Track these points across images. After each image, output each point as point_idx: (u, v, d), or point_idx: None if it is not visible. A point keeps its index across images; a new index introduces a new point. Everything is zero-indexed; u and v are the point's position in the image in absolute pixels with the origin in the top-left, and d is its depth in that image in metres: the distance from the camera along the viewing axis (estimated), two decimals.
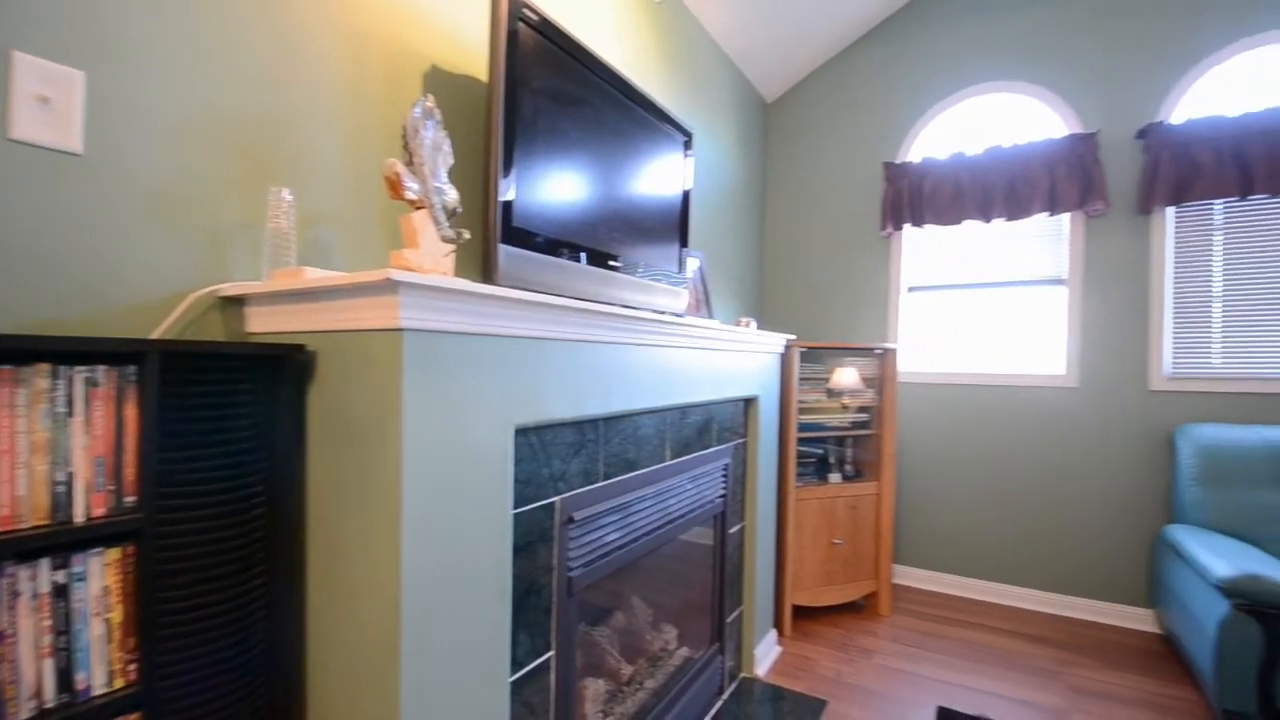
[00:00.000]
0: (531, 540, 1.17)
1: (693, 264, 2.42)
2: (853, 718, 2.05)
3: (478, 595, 1.00)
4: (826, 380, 2.94)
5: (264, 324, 1.06)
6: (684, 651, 1.94)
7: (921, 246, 3.26)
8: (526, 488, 1.15)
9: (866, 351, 3.03)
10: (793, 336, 2.48)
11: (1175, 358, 2.72)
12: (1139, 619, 2.76)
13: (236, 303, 1.10)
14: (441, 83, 1.50)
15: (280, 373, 0.98)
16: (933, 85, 3.18)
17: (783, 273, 3.61)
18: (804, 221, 3.55)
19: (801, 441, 2.83)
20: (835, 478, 2.81)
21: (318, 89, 1.25)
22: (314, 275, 0.96)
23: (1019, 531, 3.00)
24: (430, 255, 1.06)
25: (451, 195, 1.14)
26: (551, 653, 1.23)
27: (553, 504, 1.21)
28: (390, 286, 0.84)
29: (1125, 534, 2.79)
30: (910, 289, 3.28)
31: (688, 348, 1.70)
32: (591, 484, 1.33)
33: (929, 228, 3.14)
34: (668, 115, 1.86)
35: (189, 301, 1.02)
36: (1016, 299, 3.04)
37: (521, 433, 1.13)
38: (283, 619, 0.98)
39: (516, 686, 1.13)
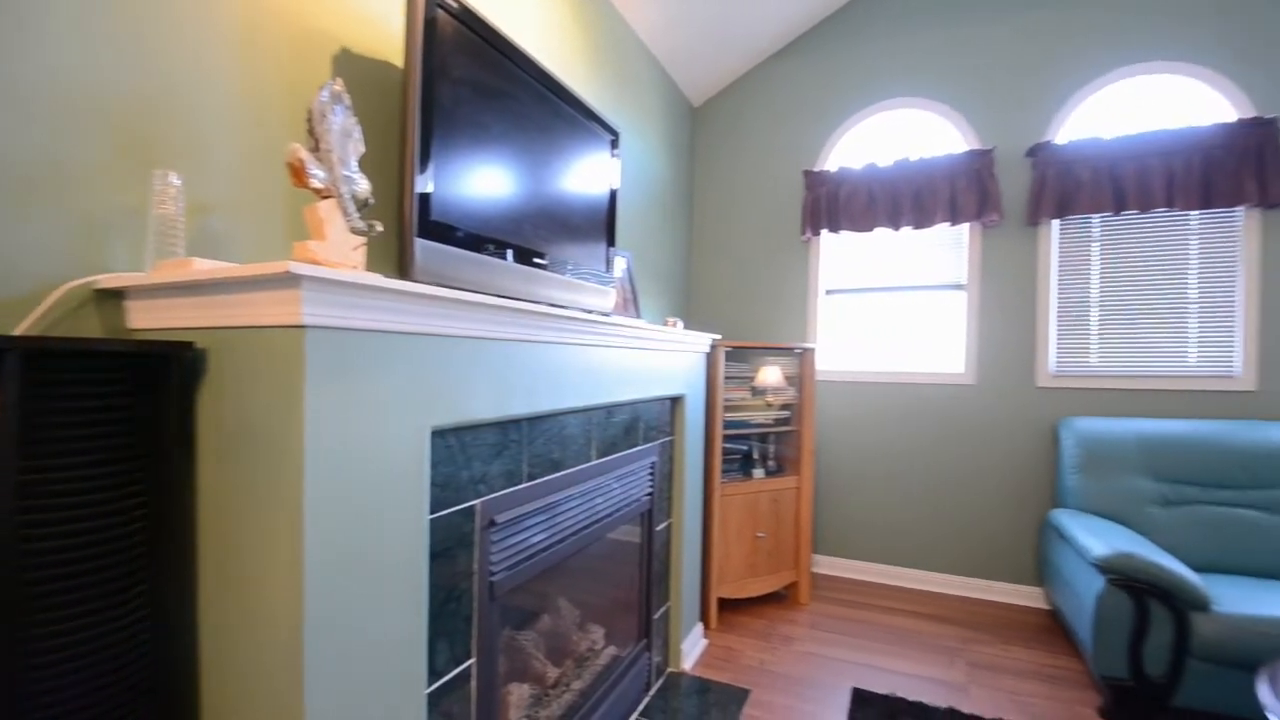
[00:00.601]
0: (450, 546, 1.13)
1: (620, 263, 2.42)
2: (774, 704, 2.12)
3: (391, 606, 0.96)
4: (751, 379, 3.02)
5: (147, 319, 0.97)
6: (611, 650, 1.94)
7: (838, 251, 3.42)
8: (444, 491, 1.11)
9: (787, 351, 3.14)
10: (718, 336, 2.54)
11: (1059, 357, 2.99)
12: (1030, 596, 3.01)
13: (116, 296, 0.99)
14: (353, 67, 1.43)
15: (166, 372, 0.90)
16: (849, 98, 3.34)
17: (709, 274, 3.69)
18: (729, 224, 3.64)
19: (727, 439, 2.90)
20: (759, 473, 2.89)
21: (212, 66, 1.15)
22: (204, 267, 0.88)
23: (925, 519, 3.21)
24: (338, 248, 1.00)
25: (363, 185, 1.09)
26: (472, 660, 1.19)
27: (473, 507, 1.18)
28: (291, 280, 0.79)
29: (1017, 518, 3.04)
30: (828, 291, 3.43)
31: (615, 347, 1.70)
32: (515, 486, 1.31)
33: (845, 234, 3.29)
34: (594, 113, 1.85)
35: (59, 294, 0.92)
36: (922, 302, 3.25)
37: (439, 435, 1.09)
38: (172, 640, 0.90)
39: (435, 697, 1.09)
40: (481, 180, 1.38)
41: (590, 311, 1.78)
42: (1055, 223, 2.96)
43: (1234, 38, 2.69)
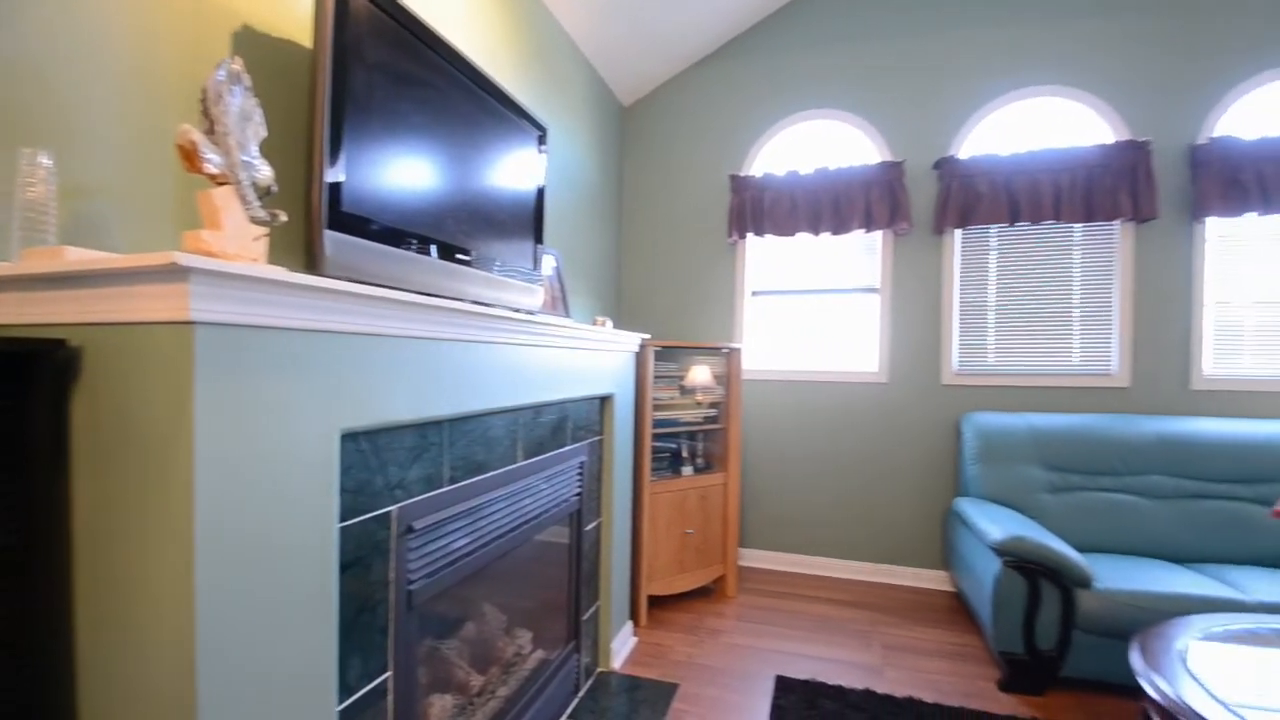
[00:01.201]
0: (364, 554, 1.08)
1: (549, 262, 2.40)
2: (702, 697, 2.16)
3: (297, 622, 0.90)
4: (680, 378, 3.07)
5: (12, 314, 0.87)
6: (539, 654, 1.91)
7: (763, 254, 3.52)
8: (357, 497, 1.06)
9: (715, 351, 3.21)
10: (647, 336, 2.56)
11: (961, 357, 3.21)
12: (937, 580, 3.22)
13: None
14: (256, 45, 1.33)
15: (34, 373, 0.81)
16: (773, 105, 3.45)
17: (639, 273, 3.71)
18: (659, 225, 3.67)
19: (656, 437, 2.92)
20: (688, 470, 2.94)
21: (94, 33, 1.05)
22: (79, 256, 0.80)
23: (843, 510, 3.36)
24: (235, 239, 0.93)
25: (264, 172, 1.02)
26: (389, 674, 1.14)
27: (389, 514, 1.13)
28: (177, 273, 0.73)
29: (925, 507, 3.24)
30: (754, 293, 3.53)
31: (542, 346, 1.68)
32: (435, 490, 1.26)
33: (769, 237, 3.40)
34: (521, 108, 1.82)
35: None
36: (840, 304, 3.41)
37: (351, 438, 1.03)
38: (43, 672, 0.81)
39: (348, 715, 1.04)
40: (399, 172, 1.33)
41: (517, 310, 1.75)
42: (958, 232, 3.18)
43: (1113, 68, 2.98)
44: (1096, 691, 2.21)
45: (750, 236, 3.44)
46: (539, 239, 1.97)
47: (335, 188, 1.15)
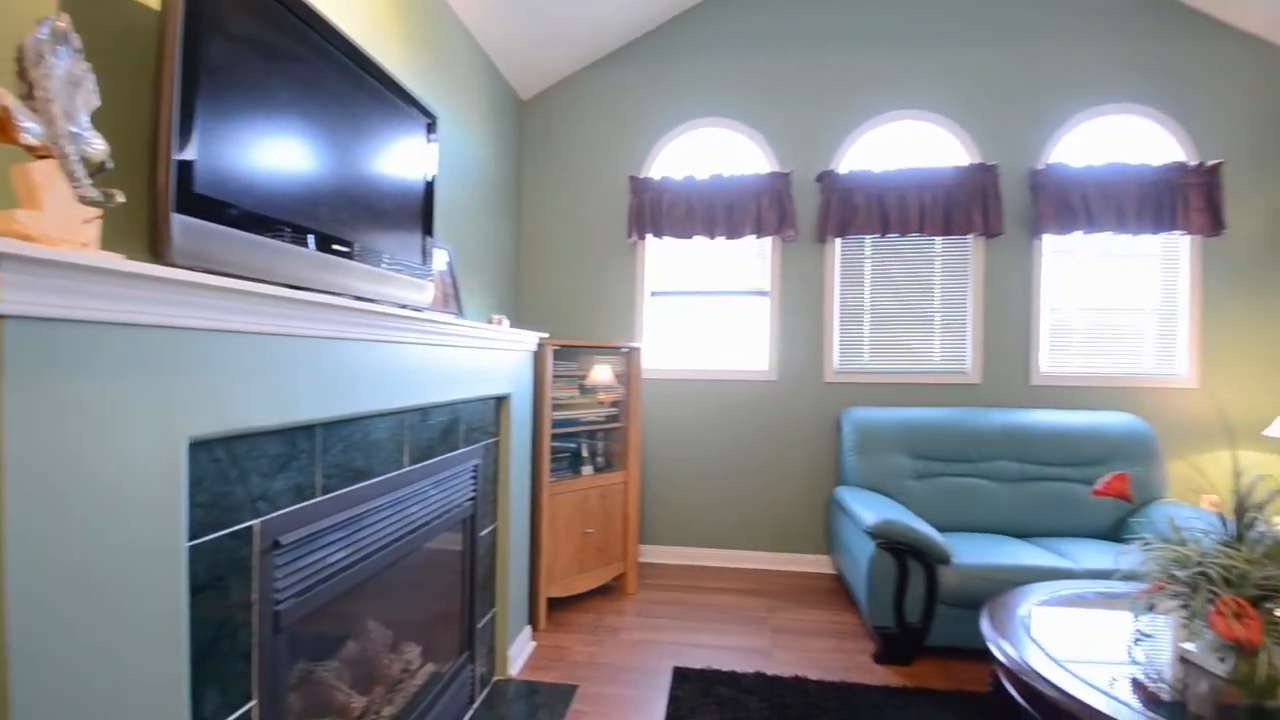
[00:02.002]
0: (221, 574, 0.97)
1: (440, 257, 2.30)
2: (600, 695, 2.16)
3: (139, 654, 0.80)
4: (581, 377, 3.06)
5: None
6: (430, 668, 1.82)
7: (662, 255, 3.59)
8: (211, 513, 0.95)
9: (615, 350, 3.23)
10: (545, 335, 2.52)
11: (841, 357, 3.45)
12: (821, 564, 3.44)
13: None
14: (91, 3, 1.17)
15: None
16: (673, 110, 3.53)
17: (539, 271, 3.66)
18: (559, 223, 3.64)
19: (556, 437, 2.89)
20: (588, 470, 2.93)
21: None
22: None
23: (737, 503, 3.51)
24: (60, 221, 0.81)
25: (97, 146, 0.89)
26: (253, 703, 1.04)
27: (250, 528, 1.03)
28: None
29: (811, 496, 3.45)
30: (653, 293, 3.59)
31: (432, 345, 1.60)
32: (306, 500, 1.17)
33: (667, 239, 3.47)
34: (408, 93, 1.73)
35: None
36: (734, 306, 3.55)
37: (203, 446, 0.93)
38: None
39: None
40: (266, 153, 1.21)
41: (404, 306, 1.66)
42: (838, 241, 3.42)
43: (968, 97, 3.32)
44: (956, 657, 2.46)
45: (650, 237, 3.50)
46: (428, 231, 1.88)
47: (186, 167, 1.03)
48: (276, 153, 1.24)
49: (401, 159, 1.71)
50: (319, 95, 1.36)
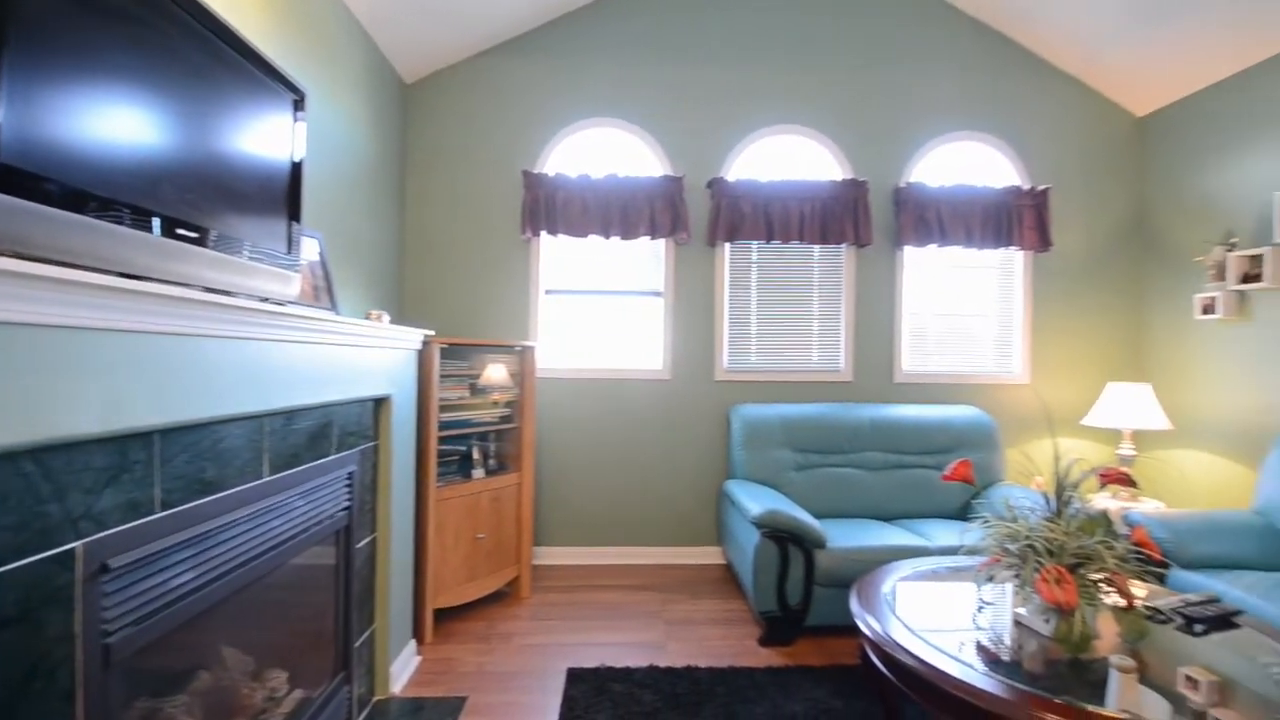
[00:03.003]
0: (31, 606, 0.83)
1: (311, 246, 2.12)
2: (491, 705, 2.10)
3: None
4: (471, 377, 2.94)
5: None
6: (298, 694, 1.67)
7: (557, 252, 3.55)
8: (20, 535, 0.81)
9: (508, 349, 3.14)
10: (431, 332, 2.40)
11: (730, 356, 3.60)
12: (712, 555, 3.57)
13: None
14: None
15: None
16: (569, 107, 3.49)
17: (427, 266, 3.48)
18: (449, 215, 3.49)
19: (444, 440, 2.77)
20: (479, 473, 2.83)
21: None
22: None
23: (632, 500, 3.55)
24: None
25: None
26: None
27: (70, 552, 0.89)
28: None
29: (703, 491, 3.57)
30: (548, 291, 3.54)
31: (297, 342, 1.47)
32: (143, 518, 1.02)
33: (562, 237, 3.43)
34: (270, 65, 1.57)
35: None
36: (630, 306, 3.58)
37: (6, 459, 0.79)
38: None
39: None
40: (97, 123, 1.05)
41: (266, 299, 1.51)
42: (727, 245, 3.56)
43: (842, 116, 3.58)
44: (832, 635, 2.64)
45: (544, 234, 3.44)
46: (295, 217, 1.72)
47: None
48: (112, 124, 1.08)
49: (264, 138, 1.55)
50: (164, 62, 1.20)
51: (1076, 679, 1.40)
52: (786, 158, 3.62)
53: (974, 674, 1.38)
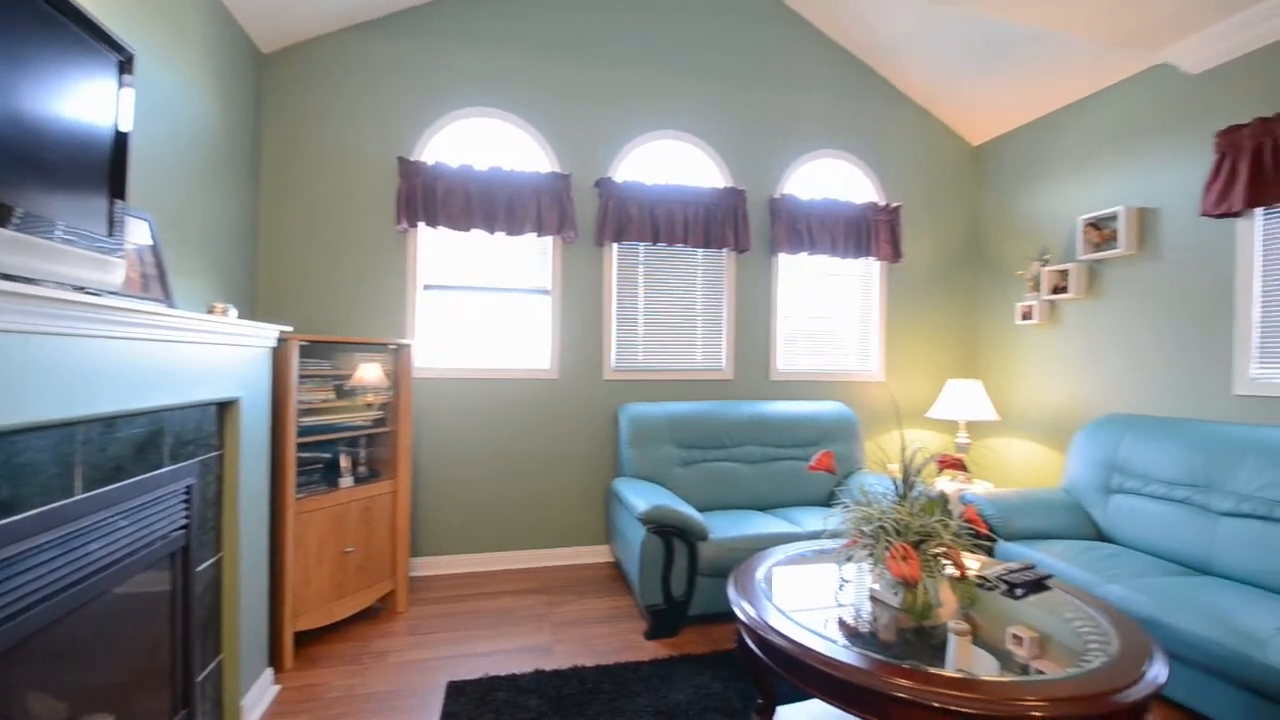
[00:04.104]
0: None
1: (140, 228, 1.85)
2: None
3: None
4: (343, 378, 2.73)
5: None
6: None
7: (438, 246, 3.38)
8: None
9: (381, 347, 2.95)
10: (289, 328, 2.19)
11: (618, 355, 3.63)
12: (602, 554, 3.58)
13: None
14: None
15: None
16: (450, 93, 3.34)
17: (286, 256, 3.17)
18: (313, 202, 3.20)
19: (305, 447, 2.54)
20: (347, 481, 2.63)
21: None
22: None
23: (519, 502, 3.47)
24: None
25: None
26: None
27: None
28: None
29: (592, 489, 3.57)
30: (426, 286, 3.37)
31: (117, 338, 1.28)
32: None
33: (443, 230, 3.28)
34: (90, 20, 1.35)
35: None
36: (516, 303, 3.50)
37: None
38: None
39: None
40: None
41: (82, 289, 1.29)
42: (615, 245, 3.59)
43: (725, 126, 3.74)
44: (714, 622, 2.75)
45: (422, 226, 3.27)
46: (119, 195, 1.50)
47: None
48: None
49: (82, 103, 1.33)
50: None
51: (922, 645, 1.56)
52: (672, 163, 3.72)
53: (836, 647, 1.50)
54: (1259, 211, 2.61)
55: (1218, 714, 1.92)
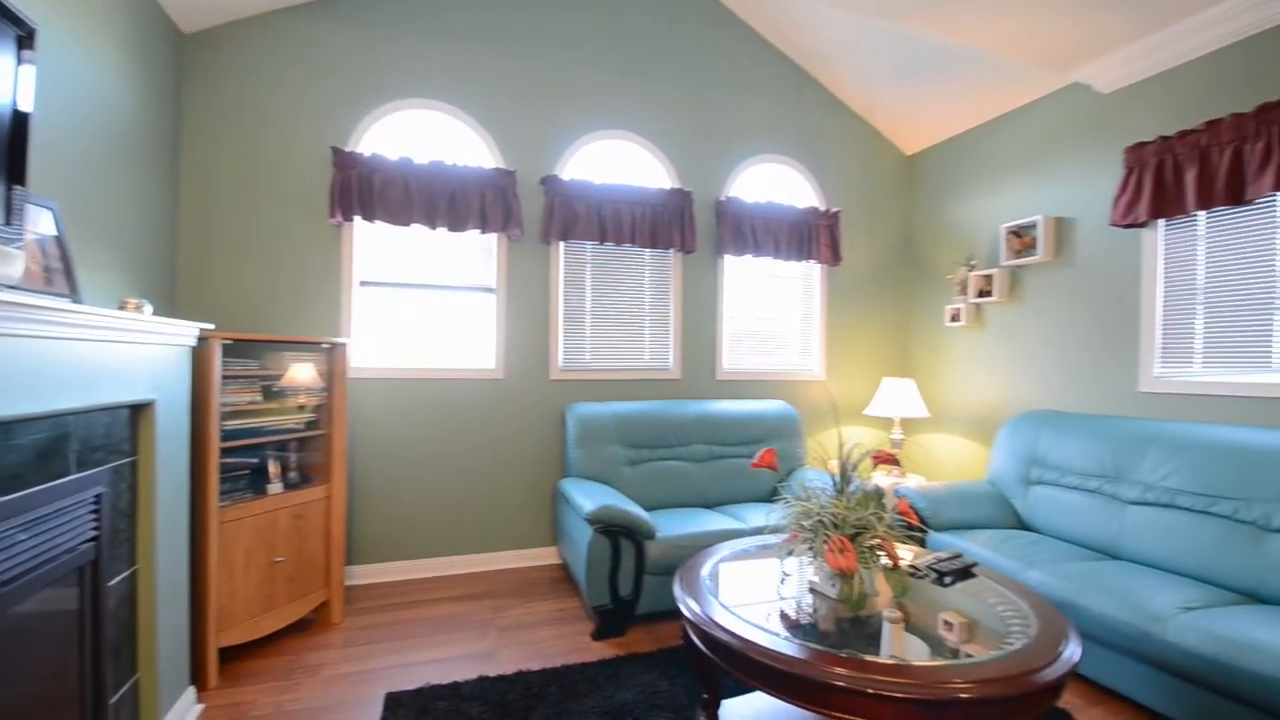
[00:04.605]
0: None
1: (42, 217, 1.70)
2: None
3: None
4: (273, 378, 2.59)
5: None
6: None
7: (375, 241, 3.26)
8: None
9: (314, 346, 2.82)
10: (210, 326, 2.06)
11: (565, 355, 3.60)
12: (549, 556, 3.54)
13: None
14: None
15: None
16: (389, 83, 3.22)
17: (210, 250, 2.98)
18: (239, 192, 3.02)
19: (230, 452, 2.40)
20: (276, 488, 2.50)
21: None
22: None
23: (464, 506, 3.39)
24: None
25: None
26: None
27: None
28: None
29: (538, 491, 3.53)
30: (363, 283, 3.24)
31: (16, 335, 1.17)
32: None
33: (380, 224, 3.16)
34: None
35: None
36: (459, 301, 3.42)
37: None
38: None
39: None
40: None
41: None
42: (562, 244, 3.56)
43: (672, 128, 3.77)
44: (661, 620, 2.76)
45: (358, 220, 3.14)
46: (18, 180, 1.37)
47: None
48: None
49: None
50: None
51: (858, 633, 1.62)
52: (620, 163, 3.71)
53: (777, 639, 1.53)
54: (1161, 223, 2.83)
55: (1126, 689, 2.08)
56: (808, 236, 3.98)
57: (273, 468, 2.52)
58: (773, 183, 4.09)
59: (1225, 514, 2.26)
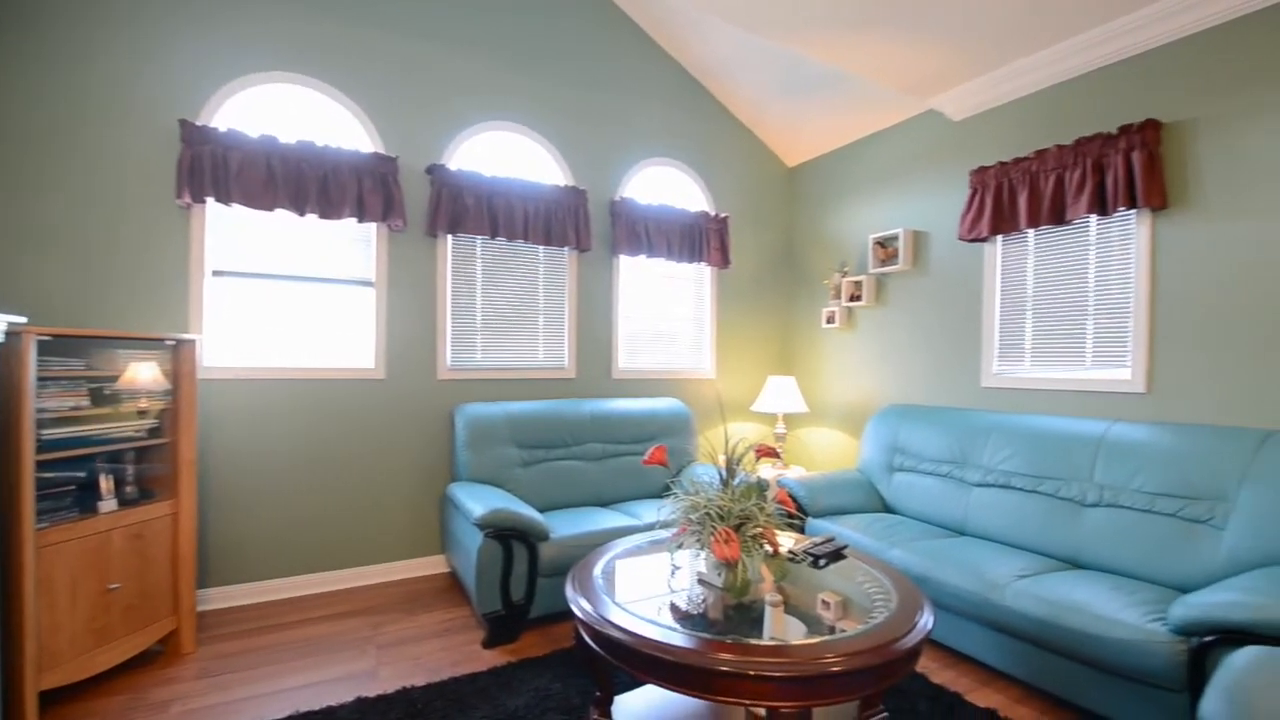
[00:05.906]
0: None
1: None
2: None
3: None
4: (109, 380, 2.26)
5: None
6: None
7: (233, 227, 2.94)
8: None
9: (155, 343, 2.49)
10: (21, 319, 1.76)
11: (454, 354, 3.46)
12: (435, 565, 3.38)
13: None
14: None
15: None
16: (249, 54, 2.91)
17: (22, 229, 2.54)
18: (60, 167, 2.59)
19: (49, 465, 2.06)
20: (108, 505, 2.18)
21: None
22: None
23: (338, 517, 3.15)
24: None
25: None
26: None
27: None
28: None
29: (424, 497, 3.36)
30: (215, 273, 2.91)
31: None
32: None
33: (238, 208, 2.86)
34: None
35: None
36: (332, 295, 3.17)
37: None
38: None
39: None
40: None
41: None
42: (450, 237, 3.41)
43: (563, 125, 3.73)
44: (554, 622, 2.73)
45: (211, 202, 2.81)
46: None
47: None
48: None
49: None
50: None
51: (743, 619, 1.69)
52: (512, 156, 3.62)
53: (669, 631, 1.56)
54: (1000, 238, 3.22)
55: (973, 651, 2.34)
56: (699, 239, 4.10)
57: (105, 483, 2.20)
58: (665, 185, 4.18)
59: (1050, 492, 2.62)
